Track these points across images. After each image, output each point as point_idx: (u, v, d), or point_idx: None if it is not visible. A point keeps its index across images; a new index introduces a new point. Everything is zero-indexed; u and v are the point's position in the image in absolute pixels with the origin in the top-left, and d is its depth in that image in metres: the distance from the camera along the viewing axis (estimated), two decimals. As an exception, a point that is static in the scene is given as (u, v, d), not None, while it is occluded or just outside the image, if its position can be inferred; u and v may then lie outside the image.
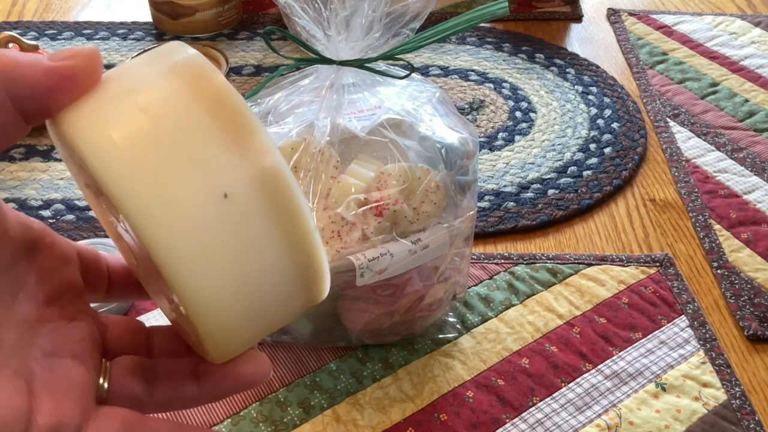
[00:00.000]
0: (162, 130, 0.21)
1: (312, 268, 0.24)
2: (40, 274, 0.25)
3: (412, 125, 0.47)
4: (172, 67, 0.22)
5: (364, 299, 0.47)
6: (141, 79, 0.22)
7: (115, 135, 0.21)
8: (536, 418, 0.49)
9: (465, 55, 0.89)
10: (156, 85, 0.22)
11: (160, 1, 0.88)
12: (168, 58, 0.23)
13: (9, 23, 0.93)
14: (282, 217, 0.22)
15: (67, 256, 0.27)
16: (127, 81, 0.22)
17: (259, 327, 0.24)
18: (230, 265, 0.22)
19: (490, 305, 0.57)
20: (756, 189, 0.69)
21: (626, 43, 0.93)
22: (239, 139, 0.22)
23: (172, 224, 0.21)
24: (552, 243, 0.64)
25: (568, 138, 0.76)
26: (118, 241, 0.29)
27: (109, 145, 0.21)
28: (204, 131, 0.21)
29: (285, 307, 0.24)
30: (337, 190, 0.45)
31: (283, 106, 0.48)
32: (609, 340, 0.54)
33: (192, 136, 0.21)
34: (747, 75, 0.86)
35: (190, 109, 0.22)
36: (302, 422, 0.48)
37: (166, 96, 0.22)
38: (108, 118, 0.21)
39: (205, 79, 0.22)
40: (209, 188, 0.21)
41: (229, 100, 0.22)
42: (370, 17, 0.44)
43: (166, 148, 0.21)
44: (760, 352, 0.55)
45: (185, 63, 0.22)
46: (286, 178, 0.22)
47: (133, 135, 0.21)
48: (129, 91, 0.22)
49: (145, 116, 0.21)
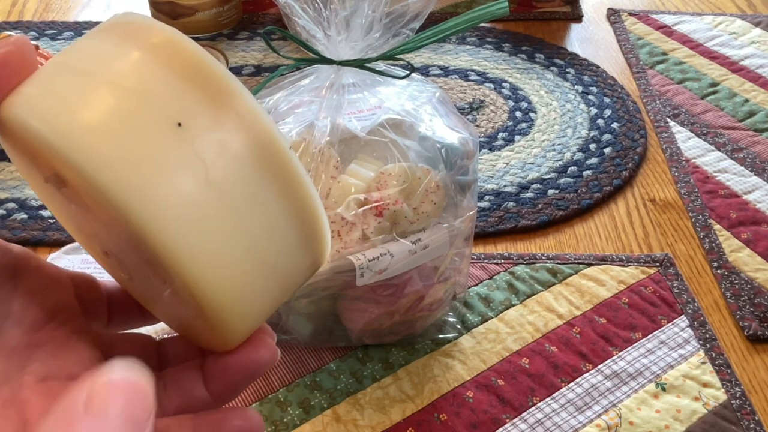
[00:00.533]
0: (127, 95, 0.20)
1: (313, 225, 0.23)
2: (25, 298, 0.24)
3: (412, 125, 0.47)
4: (123, 34, 0.21)
5: (364, 299, 0.47)
6: (94, 54, 0.21)
7: (75, 109, 0.19)
8: (536, 418, 0.49)
9: (465, 55, 0.89)
10: (112, 54, 0.20)
11: (160, 1, 0.88)
12: (118, 28, 0.21)
13: (9, 23, 0.93)
14: (276, 173, 0.21)
15: (56, 278, 0.25)
16: (75, 58, 0.21)
17: (265, 295, 0.23)
18: (224, 225, 0.20)
19: (490, 305, 0.57)
20: (756, 189, 0.69)
21: (626, 43, 0.93)
22: (217, 98, 0.20)
23: (156, 190, 0.19)
24: (552, 243, 0.64)
25: (568, 138, 0.76)
26: (102, 258, 0.27)
27: (69, 119, 0.19)
28: (175, 93, 0.20)
29: (288, 271, 0.23)
30: (337, 190, 0.45)
31: (283, 106, 0.48)
32: (609, 340, 0.54)
33: (163, 99, 0.20)
34: (747, 75, 0.86)
35: (155, 73, 0.20)
36: (302, 422, 0.48)
37: (128, 64, 0.20)
38: (62, 95, 0.20)
39: (172, 44, 0.21)
40: (192, 151, 0.20)
41: (198, 60, 0.21)
42: (370, 17, 0.44)
43: (136, 113, 0.20)
44: (760, 352, 0.55)
45: (137, 27, 0.21)
46: (275, 135, 0.21)
47: (97, 105, 0.20)
48: (82, 67, 0.20)
49: (108, 86, 0.20)
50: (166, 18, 0.89)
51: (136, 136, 0.19)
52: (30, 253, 0.25)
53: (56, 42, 0.89)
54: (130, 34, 0.21)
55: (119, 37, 0.21)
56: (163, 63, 0.20)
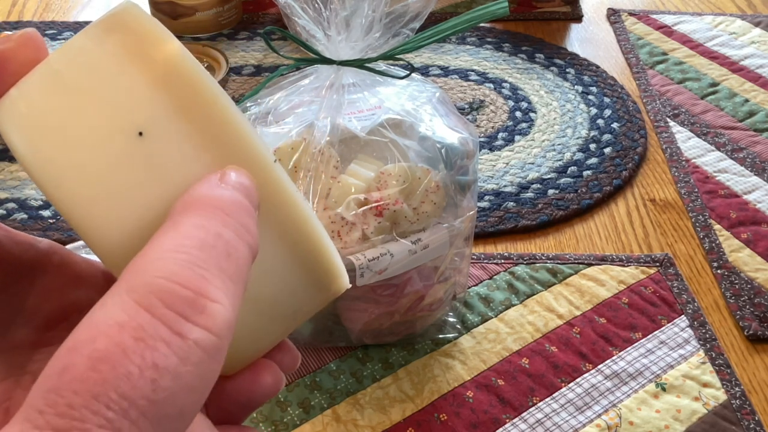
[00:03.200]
0: (71, 82, 0.19)
1: (316, 262, 0.21)
2: (40, 296, 0.24)
3: (412, 125, 0.47)
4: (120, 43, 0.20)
5: (364, 299, 0.47)
6: (84, 64, 0.20)
7: (24, 98, 0.19)
8: (536, 418, 0.49)
9: (465, 55, 0.89)
10: (103, 69, 0.20)
11: (160, 1, 0.88)
12: (115, 32, 0.20)
13: (9, 23, 0.93)
14: (270, 217, 0.20)
15: (82, 275, 0.25)
16: (65, 64, 0.20)
17: (262, 330, 0.22)
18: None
19: (490, 305, 0.57)
20: (756, 189, 0.69)
21: (626, 43, 0.93)
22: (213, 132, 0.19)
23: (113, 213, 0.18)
24: (552, 243, 0.64)
25: (568, 138, 0.76)
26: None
27: (19, 110, 0.19)
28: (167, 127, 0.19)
29: (291, 304, 0.22)
30: (337, 190, 0.45)
31: (283, 106, 0.48)
32: (609, 340, 0.54)
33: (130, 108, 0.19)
34: (747, 75, 0.86)
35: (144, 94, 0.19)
36: (302, 422, 0.48)
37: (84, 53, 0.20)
38: (24, 87, 0.20)
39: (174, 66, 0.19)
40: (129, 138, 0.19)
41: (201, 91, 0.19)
42: (370, 17, 0.44)
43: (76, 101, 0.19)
44: (760, 352, 0.55)
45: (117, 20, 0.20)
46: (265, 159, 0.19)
47: (42, 95, 0.19)
48: (64, 74, 0.20)
49: (55, 75, 0.19)
50: (166, 18, 0.89)
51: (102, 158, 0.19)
52: (56, 249, 0.25)
53: (56, 42, 0.89)
54: (117, 34, 0.20)
55: (106, 36, 0.20)
56: (158, 87, 0.19)
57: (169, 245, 0.17)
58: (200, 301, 0.16)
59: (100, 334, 0.15)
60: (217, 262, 0.17)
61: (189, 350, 0.16)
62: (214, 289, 0.17)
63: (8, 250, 0.23)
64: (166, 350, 0.16)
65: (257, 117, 0.48)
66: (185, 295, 0.16)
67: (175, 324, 0.16)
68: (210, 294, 0.17)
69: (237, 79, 0.83)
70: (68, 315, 0.24)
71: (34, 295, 0.24)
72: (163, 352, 0.16)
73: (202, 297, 0.16)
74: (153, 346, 0.15)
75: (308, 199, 0.45)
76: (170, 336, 0.16)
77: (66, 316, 0.24)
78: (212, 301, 0.17)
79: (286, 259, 0.21)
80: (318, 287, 0.22)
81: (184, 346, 0.16)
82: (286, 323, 0.23)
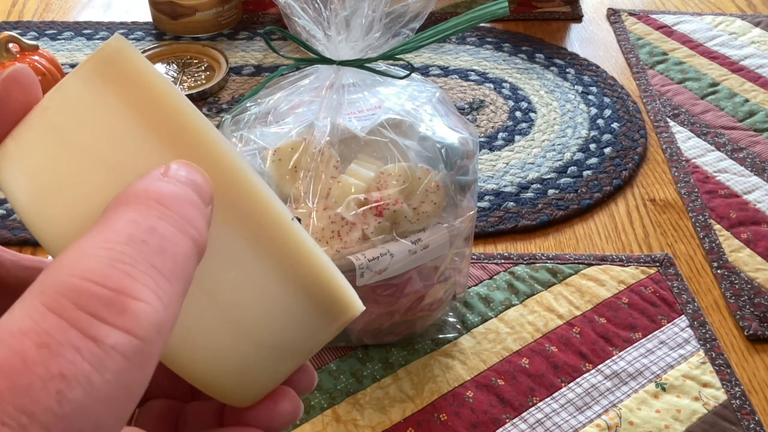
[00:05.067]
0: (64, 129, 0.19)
1: (323, 294, 0.20)
2: None
3: (412, 125, 0.47)
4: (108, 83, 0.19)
5: (364, 299, 0.47)
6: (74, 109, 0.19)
7: (25, 156, 0.19)
8: (536, 418, 0.49)
9: (465, 55, 0.89)
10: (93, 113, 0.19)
11: (160, 1, 0.88)
12: (105, 73, 0.19)
13: (9, 23, 0.93)
14: (268, 249, 0.19)
15: None
16: (56, 110, 0.19)
17: (272, 367, 0.21)
18: (203, 315, 0.18)
19: (490, 305, 0.57)
20: (756, 189, 0.69)
21: (626, 43, 0.93)
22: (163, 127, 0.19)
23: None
24: (552, 243, 0.64)
25: (568, 138, 0.76)
26: None
27: (19, 169, 0.19)
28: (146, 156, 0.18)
29: (301, 339, 0.21)
30: (337, 190, 0.45)
31: (283, 106, 0.48)
32: (609, 340, 0.54)
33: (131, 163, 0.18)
34: (747, 75, 0.86)
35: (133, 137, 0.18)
36: (302, 422, 0.48)
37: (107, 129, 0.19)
38: (22, 143, 0.19)
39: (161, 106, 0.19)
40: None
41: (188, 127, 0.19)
42: (370, 17, 0.44)
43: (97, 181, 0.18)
44: (760, 352, 0.55)
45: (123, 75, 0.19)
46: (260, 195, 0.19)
47: (44, 154, 0.19)
48: (59, 127, 0.19)
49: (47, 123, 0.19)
50: (166, 18, 0.89)
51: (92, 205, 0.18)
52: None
53: (56, 42, 0.89)
54: (117, 88, 0.19)
55: (105, 88, 0.19)
56: (148, 127, 0.18)
57: (92, 242, 0.15)
58: (120, 299, 0.15)
59: (0, 343, 0.14)
60: (147, 257, 0.15)
61: (105, 356, 0.14)
62: (140, 286, 0.15)
63: (16, 276, 0.23)
64: (75, 357, 0.14)
65: (257, 117, 0.48)
66: (102, 294, 0.14)
67: (87, 327, 0.14)
68: (134, 292, 0.15)
69: (237, 79, 0.83)
70: None
71: None
72: (71, 359, 0.14)
73: (122, 295, 0.15)
74: (59, 352, 0.14)
75: (308, 199, 0.45)
76: (81, 341, 0.14)
77: None
78: (136, 300, 0.15)
79: (288, 293, 0.20)
80: (330, 318, 0.21)
81: (99, 351, 0.14)
82: (302, 353, 0.22)
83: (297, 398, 0.23)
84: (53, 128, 0.19)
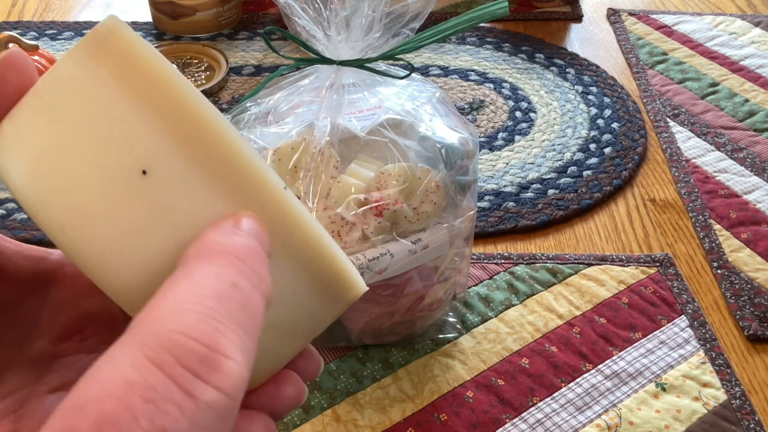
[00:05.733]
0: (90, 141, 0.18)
1: (328, 276, 0.20)
2: (55, 307, 0.24)
3: (412, 125, 0.47)
4: (102, 62, 0.19)
5: (364, 299, 0.47)
6: (67, 88, 0.19)
7: (19, 137, 0.18)
8: (536, 418, 0.49)
9: (465, 55, 0.89)
10: (86, 91, 0.19)
11: (160, 1, 0.88)
12: (98, 51, 0.19)
13: (9, 23, 0.93)
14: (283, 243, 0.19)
15: (94, 284, 0.25)
16: (50, 91, 0.19)
17: (273, 349, 0.21)
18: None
19: (490, 305, 0.57)
20: (756, 189, 0.69)
21: (626, 43, 0.93)
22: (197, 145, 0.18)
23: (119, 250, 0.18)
24: (552, 243, 0.64)
25: (568, 138, 0.76)
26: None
27: (15, 150, 0.19)
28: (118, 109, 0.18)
29: (304, 320, 0.21)
30: (337, 190, 0.45)
31: (283, 106, 0.48)
32: (609, 340, 0.54)
33: (129, 144, 0.18)
34: (747, 75, 0.86)
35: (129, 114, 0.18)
36: (302, 422, 0.48)
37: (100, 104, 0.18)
38: (17, 123, 0.19)
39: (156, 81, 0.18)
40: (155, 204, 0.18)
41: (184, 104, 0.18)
42: (370, 17, 0.44)
43: (97, 161, 0.18)
44: (760, 352, 0.55)
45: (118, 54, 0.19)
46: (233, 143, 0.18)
47: (37, 132, 0.18)
48: (53, 105, 0.19)
49: (46, 108, 0.19)
50: (166, 18, 0.89)
51: (94, 190, 0.18)
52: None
53: (56, 42, 0.89)
54: (108, 63, 0.19)
55: (96, 65, 0.19)
56: (157, 120, 0.18)
57: (184, 295, 0.16)
58: (214, 357, 0.15)
59: (107, 394, 0.14)
60: (233, 314, 0.16)
61: (200, 413, 0.15)
62: (229, 343, 0.16)
63: (19, 265, 0.23)
64: (176, 413, 0.15)
65: (257, 117, 0.48)
66: (199, 351, 0.15)
67: (187, 384, 0.15)
68: (224, 349, 0.16)
69: (237, 79, 0.83)
70: (83, 325, 0.24)
71: (48, 307, 0.24)
72: (174, 415, 0.15)
73: (215, 353, 0.16)
74: (164, 409, 0.15)
75: (308, 199, 0.45)
76: (182, 398, 0.15)
77: (80, 326, 0.24)
78: (226, 358, 0.16)
79: (303, 283, 0.20)
80: (336, 299, 0.22)
81: (196, 408, 0.15)
82: (305, 336, 0.22)
83: (301, 383, 0.23)
84: (46, 106, 0.19)
